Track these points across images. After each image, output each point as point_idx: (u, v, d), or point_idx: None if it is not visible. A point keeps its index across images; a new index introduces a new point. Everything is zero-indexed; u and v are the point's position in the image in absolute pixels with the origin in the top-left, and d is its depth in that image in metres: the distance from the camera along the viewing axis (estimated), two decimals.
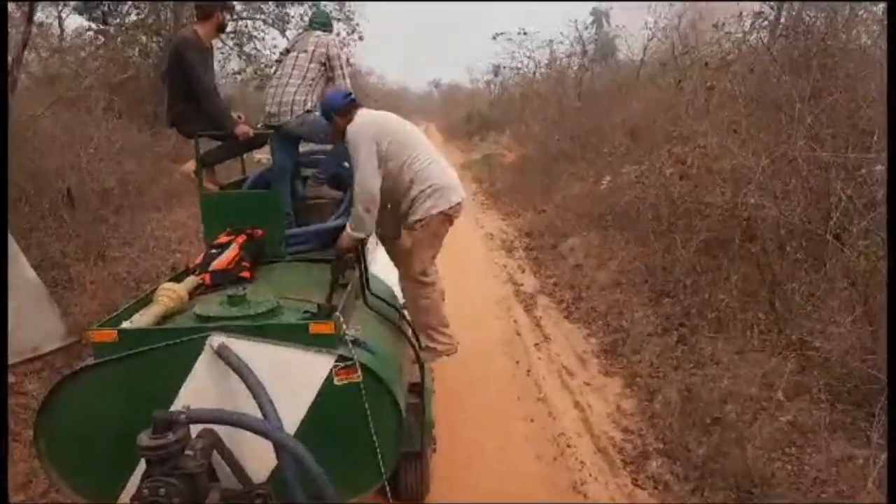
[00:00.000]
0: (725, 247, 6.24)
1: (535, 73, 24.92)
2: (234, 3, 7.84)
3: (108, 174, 9.76)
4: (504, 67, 36.58)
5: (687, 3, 16.46)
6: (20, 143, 8.66)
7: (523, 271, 10.62)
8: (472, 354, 6.34)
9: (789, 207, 5.37)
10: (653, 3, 16.62)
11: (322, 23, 4.92)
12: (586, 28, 31.41)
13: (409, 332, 4.17)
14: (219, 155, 4.62)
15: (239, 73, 18.08)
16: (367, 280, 4.04)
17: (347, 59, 5.09)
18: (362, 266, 4.03)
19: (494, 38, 27.98)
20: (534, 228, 12.87)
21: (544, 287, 9.65)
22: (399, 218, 4.18)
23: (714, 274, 6.32)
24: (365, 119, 3.98)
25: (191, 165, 4.57)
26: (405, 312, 4.49)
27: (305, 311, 3.38)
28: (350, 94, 4.14)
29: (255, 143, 4.66)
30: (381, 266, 5.05)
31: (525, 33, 24.86)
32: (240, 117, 4.58)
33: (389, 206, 4.12)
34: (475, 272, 10.51)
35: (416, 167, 3.98)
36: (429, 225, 4.09)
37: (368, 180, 3.81)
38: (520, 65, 28.01)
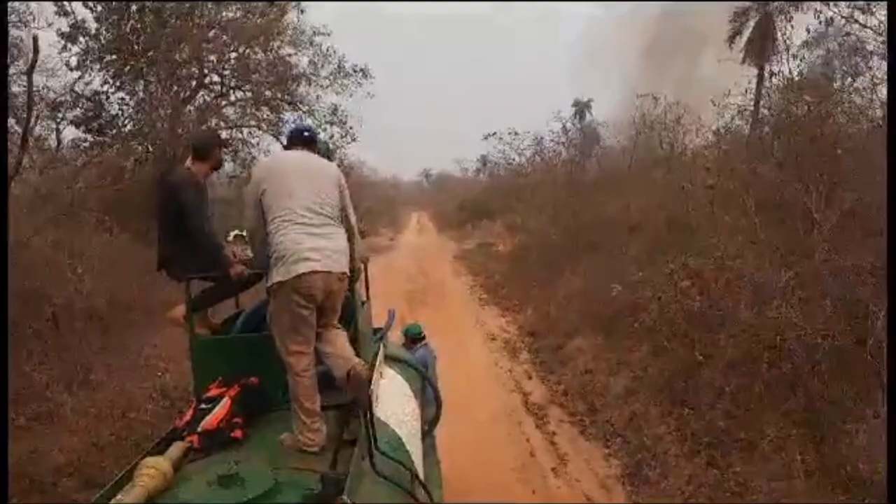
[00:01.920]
0: (752, 362, 5.88)
1: (527, 168, 25.38)
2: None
3: (96, 292, 9.44)
4: (494, 162, 37.55)
5: (671, 99, 16.96)
6: (9, 264, 8.38)
7: (530, 377, 10.17)
8: (486, 485, 5.83)
9: (817, 321, 5.07)
10: (637, 100, 17.13)
11: (323, 151, 4.78)
12: (570, 119, 32.56)
13: (423, 497, 3.71)
14: (212, 297, 4.30)
15: (234, 176, 18.20)
16: (375, 437, 3.63)
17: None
18: (369, 420, 3.63)
19: (486, 138, 28.76)
20: (536, 327, 12.52)
21: (554, 396, 9.17)
22: None
23: (744, 394, 5.93)
24: (269, 157, 3.74)
25: (178, 311, 4.23)
26: (418, 472, 4.04)
27: (307, 490, 2.95)
28: (306, 131, 3.86)
29: (249, 282, 4.37)
30: (388, 404, 4.67)
31: (516, 133, 25.49)
32: (234, 255, 4.31)
33: None
34: (479, 380, 10.03)
35: (275, 225, 3.38)
36: (276, 296, 3.41)
37: (245, 214, 3.55)
38: (510, 160, 28.60)
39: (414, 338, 6.61)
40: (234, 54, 16.18)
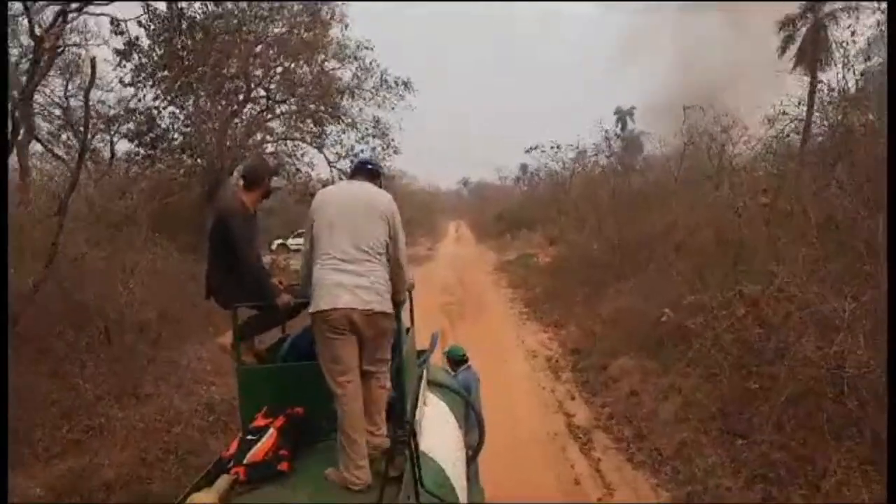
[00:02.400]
0: (814, 396, 5.59)
1: (569, 179, 25.07)
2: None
3: (147, 306, 9.67)
4: (534, 172, 37.32)
5: (719, 110, 16.47)
6: (63, 278, 8.68)
7: (573, 398, 9.94)
8: None
9: (883, 355, 4.76)
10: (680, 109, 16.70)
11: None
12: (612, 129, 32.18)
13: None
14: (259, 326, 4.31)
15: (278, 188, 18.49)
16: (421, 476, 3.55)
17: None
18: (415, 456, 3.56)
19: (528, 151, 28.61)
20: (579, 345, 12.26)
21: (599, 419, 8.93)
22: None
23: (803, 429, 5.63)
24: (323, 190, 3.74)
25: (228, 338, 4.26)
26: None
27: None
28: (369, 164, 3.85)
29: (296, 312, 4.36)
30: (432, 433, 4.59)
31: (558, 147, 25.20)
32: (280, 283, 4.31)
33: None
34: (521, 399, 9.86)
35: (317, 257, 3.46)
36: (314, 325, 3.48)
37: (303, 244, 3.61)
38: (552, 172, 28.32)
39: (457, 360, 6.52)
40: (279, 69, 16.47)
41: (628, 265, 13.53)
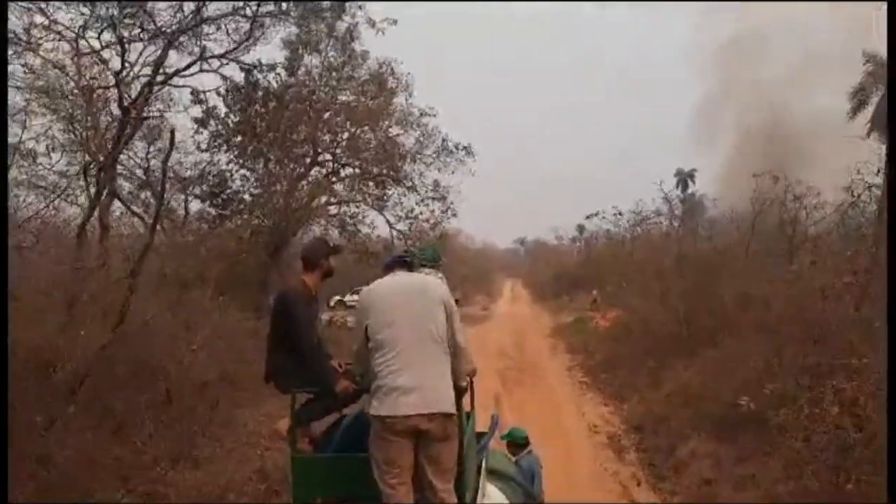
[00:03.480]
0: None
1: (629, 241, 24.46)
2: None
3: (209, 367, 9.82)
4: (591, 232, 36.88)
5: (791, 177, 15.84)
6: (131, 340, 8.91)
7: (639, 483, 9.30)
8: None
9: None
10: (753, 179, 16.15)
11: (431, 258, 4.66)
12: (672, 190, 31.55)
13: None
14: (316, 411, 4.21)
15: (339, 246, 18.81)
16: None
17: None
18: None
19: (588, 218, 28.29)
20: (644, 422, 11.59)
21: None
22: None
23: None
24: (372, 285, 3.59)
25: (283, 424, 4.17)
26: None
27: None
28: (404, 257, 3.84)
29: (354, 398, 4.25)
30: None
31: (620, 213, 24.77)
32: (340, 366, 4.22)
33: None
34: (582, 481, 9.26)
35: (378, 353, 3.34)
36: (372, 424, 3.33)
37: (354, 339, 3.53)
38: (611, 235, 27.79)
39: (518, 444, 6.20)
40: (346, 134, 17.06)
41: (696, 337, 12.86)
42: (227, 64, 13.80)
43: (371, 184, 17.68)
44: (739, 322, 10.97)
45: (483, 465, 4.66)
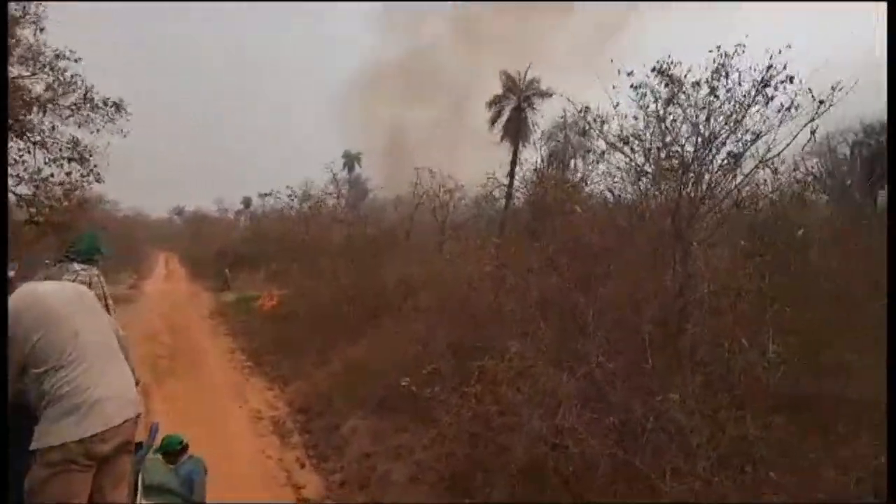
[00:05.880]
0: (538, 467, 6.04)
1: (301, 221, 24.42)
2: None
3: None
4: (258, 207, 36.05)
5: (445, 172, 18.03)
6: None
7: (303, 466, 9.31)
8: None
9: (594, 428, 5.37)
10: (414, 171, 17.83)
11: (82, 251, 3.83)
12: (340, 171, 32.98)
13: None
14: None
15: None
16: None
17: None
18: None
19: (262, 197, 27.27)
20: (309, 403, 11.69)
21: (331, 488, 8.49)
22: None
23: (531, 496, 6.04)
24: (25, 300, 2.73)
25: None
26: None
27: None
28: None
29: None
30: None
31: (294, 195, 24.39)
32: None
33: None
34: (244, 474, 8.84)
35: (63, 373, 2.66)
36: (48, 459, 2.59)
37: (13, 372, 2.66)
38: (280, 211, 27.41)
39: (175, 452, 5.49)
40: None
41: (361, 317, 13.54)
42: None
43: None
44: (400, 304, 11.89)
45: (140, 481, 4.01)
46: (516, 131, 27.95)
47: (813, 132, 7.43)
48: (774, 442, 5.90)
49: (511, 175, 19.31)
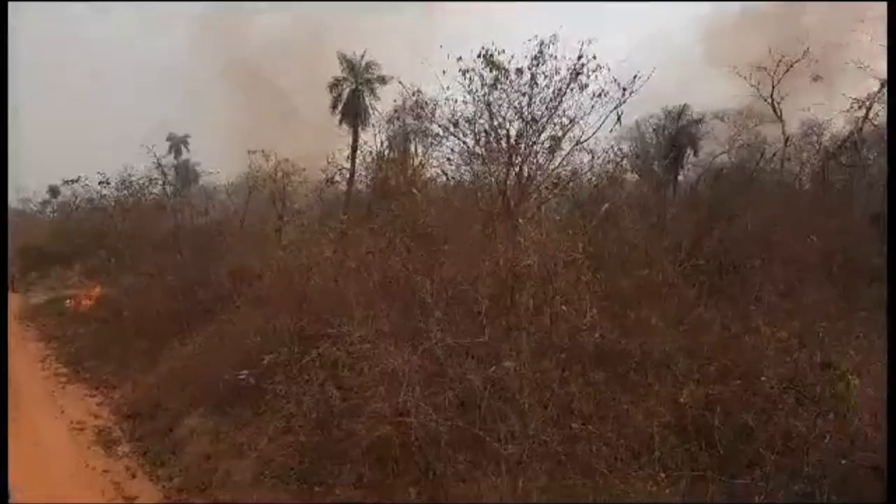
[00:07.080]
0: (384, 446, 6.14)
1: (118, 210, 22.08)
2: None
3: None
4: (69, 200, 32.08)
5: (281, 155, 17.31)
6: None
7: (134, 475, 8.56)
8: None
9: (437, 402, 5.58)
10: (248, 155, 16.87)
11: None
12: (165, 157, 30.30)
13: None
14: None
15: None
16: None
17: None
18: None
19: (67, 183, 24.02)
20: (138, 408, 10.73)
21: (168, 495, 7.91)
22: None
23: (378, 471, 6.13)
24: None
25: None
26: None
27: None
28: None
29: None
30: None
31: (107, 182, 21.61)
32: None
33: None
34: (64, 492, 7.92)
35: None
36: None
37: None
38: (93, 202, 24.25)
39: None
40: None
41: (193, 312, 12.67)
42: None
43: None
44: (235, 295, 11.32)
45: None
46: (355, 115, 27.63)
47: (619, 117, 8.31)
48: (594, 396, 6.57)
49: (353, 159, 19.12)
